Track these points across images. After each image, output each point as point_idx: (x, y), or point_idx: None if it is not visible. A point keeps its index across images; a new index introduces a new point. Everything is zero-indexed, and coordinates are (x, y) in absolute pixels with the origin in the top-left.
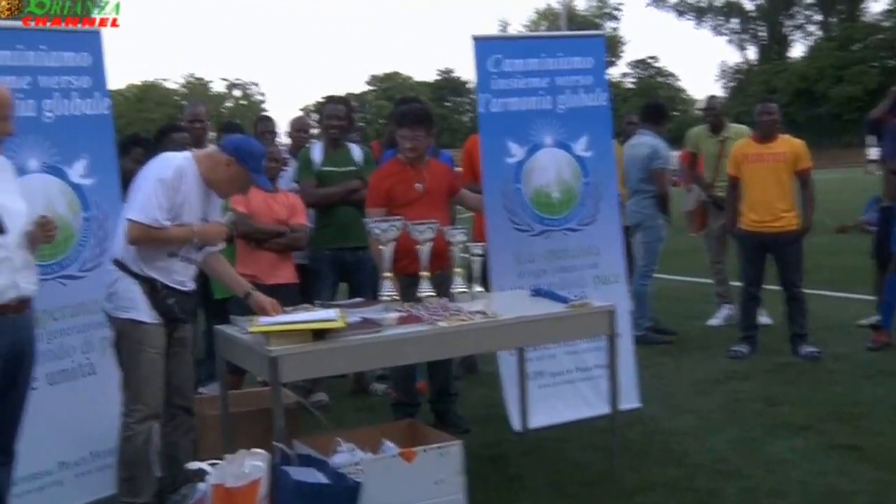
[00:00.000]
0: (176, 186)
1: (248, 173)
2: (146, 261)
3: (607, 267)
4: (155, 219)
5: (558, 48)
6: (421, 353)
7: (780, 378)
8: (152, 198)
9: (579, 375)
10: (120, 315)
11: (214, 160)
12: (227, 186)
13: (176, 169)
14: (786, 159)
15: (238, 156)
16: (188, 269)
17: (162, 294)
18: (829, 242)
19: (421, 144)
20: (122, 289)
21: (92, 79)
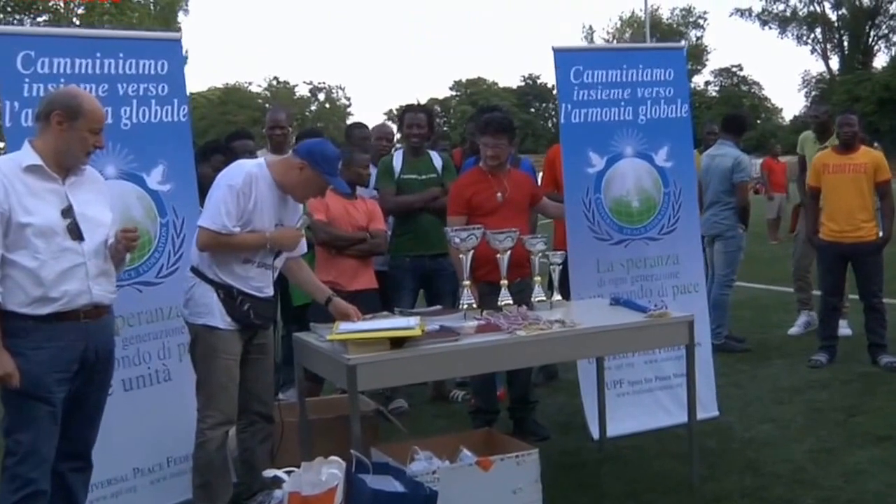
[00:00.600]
0: (246, 193)
1: (321, 177)
2: (221, 267)
3: (686, 276)
4: (223, 225)
5: (639, 60)
6: (499, 361)
7: (860, 388)
8: (221, 205)
9: (658, 384)
10: (196, 321)
11: (287, 165)
12: (301, 191)
13: (246, 175)
14: (866, 170)
15: (311, 160)
16: (265, 275)
17: (238, 300)
18: None
19: (503, 153)
20: (197, 294)
21: (169, 86)
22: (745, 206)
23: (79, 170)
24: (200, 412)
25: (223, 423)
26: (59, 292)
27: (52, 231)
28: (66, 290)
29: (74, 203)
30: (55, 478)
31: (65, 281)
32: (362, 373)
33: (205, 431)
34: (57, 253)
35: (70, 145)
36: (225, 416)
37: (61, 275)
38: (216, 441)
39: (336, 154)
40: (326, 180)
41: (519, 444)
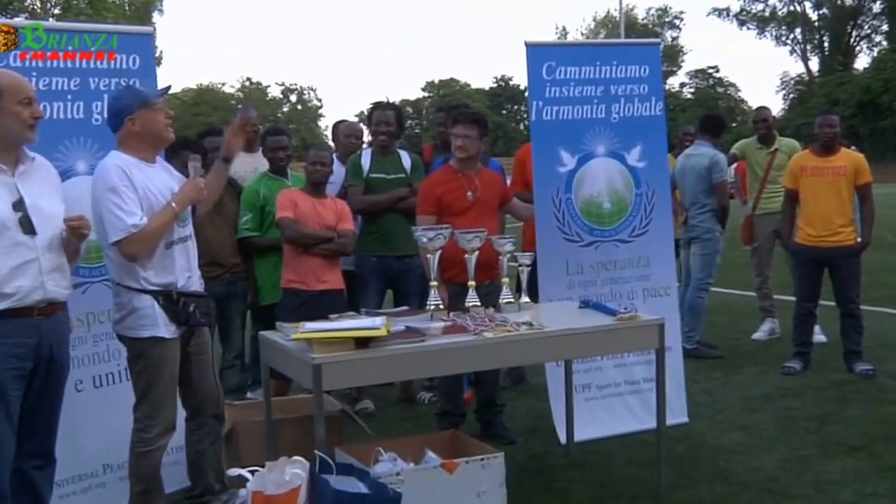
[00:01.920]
0: (127, 184)
1: (144, 108)
2: (149, 272)
3: (658, 279)
4: (133, 224)
5: (613, 56)
6: (465, 363)
7: (833, 396)
8: (115, 210)
9: (627, 389)
10: (140, 334)
11: (126, 135)
12: (155, 134)
13: (113, 169)
14: (846, 173)
15: (125, 112)
16: (188, 250)
17: (181, 302)
18: (889, 258)
19: (472, 145)
20: (137, 307)
21: (141, 81)
22: (725, 206)
23: (27, 159)
24: (143, 422)
25: (168, 431)
26: (12, 288)
27: (3, 225)
28: (19, 286)
29: (25, 195)
30: (19, 476)
31: (17, 277)
32: (327, 372)
33: (150, 441)
34: (8, 248)
35: (6, 126)
36: (169, 423)
37: (14, 270)
38: (161, 450)
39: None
40: (148, 103)
41: (484, 447)
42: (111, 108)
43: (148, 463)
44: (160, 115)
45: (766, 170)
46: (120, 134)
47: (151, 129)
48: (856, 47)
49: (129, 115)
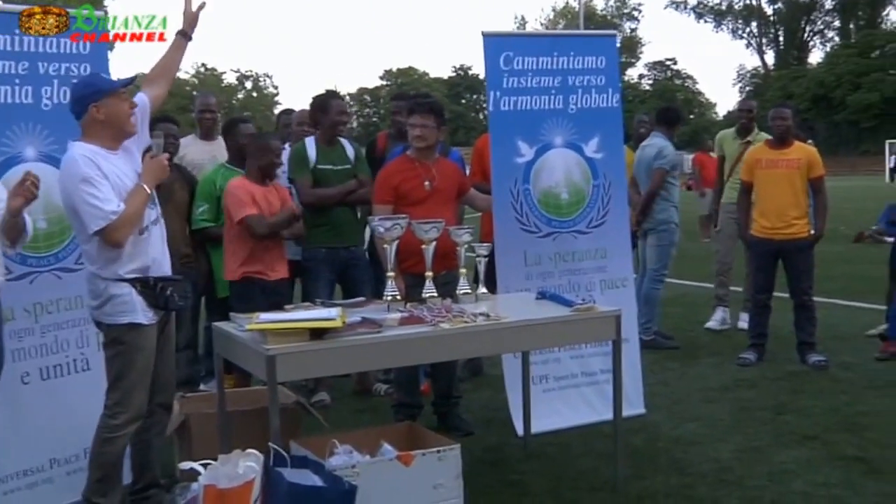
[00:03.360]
0: (97, 173)
1: (110, 97)
2: (128, 258)
3: (615, 271)
4: (112, 211)
5: (570, 47)
6: (422, 354)
7: (788, 387)
8: (90, 199)
9: (584, 380)
10: (118, 321)
11: (89, 123)
12: (119, 124)
13: (81, 159)
14: (799, 166)
15: (90, 100)
16: (160, 232)
17: (158, 287)
18: (842, 251)
19: (430, 134)
20: (115, 294)
21: (92, 66)
22: (651, 193)
23: None
24: (112, 408)
25: (135, 419)
26: None
27: None
28: None
29: None
30: None
31: None
32: (281, 364)
33: (116, 427)
34: None
35: None
36: (138, 411)
37: None
38: (127, 437)
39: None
40: (114, 92)
41: (441, 439)
42: (75, 94)
43: (111, 450)
44: (125, 104)
45: (735, 160)
46: (83, 121)
47: (115, 119)
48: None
49: (95, 103)
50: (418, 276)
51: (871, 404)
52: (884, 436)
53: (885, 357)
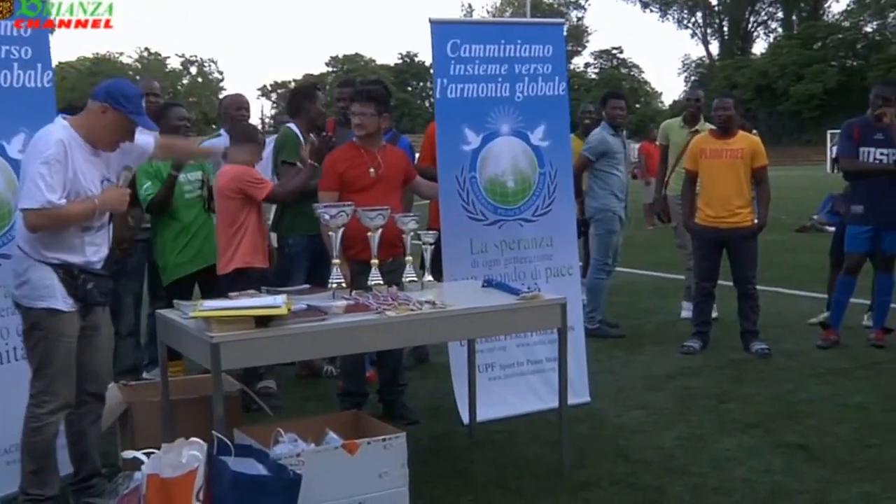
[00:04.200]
0: (62, 161)
1: (126, 116)
2: (56, 245)
3: (560, 259)
4: (48, 201)
5: (517, 35)
6: (367, 342)
7: (731, 375)
8: (38, 180)
9: (530, 368)
10: (35, 304)
11: (90, 114)
12: (108, 136)
13: (56, 143)
14: (743, 155)
15: (112, 100)
16: (103, 237)
17: (80, 279)
18: (785, 240)
19: (369, 122)
20: (35, 277)
21: (33, 49)
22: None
23: None
24: (37, 397)
25: (62, 408)
26: None
27: None
28: None
29: None
30: None
31: None
32: (226, 351)
33: (42, 416)
34: None
35: None
36: (65, 400)
37: None
38: (54, 426)
39: (136, 91)
40: (132, 119)
41: (387, 427)
42: (112, 87)
43: (40, 439)
44: (125, 135)
45: (682, 149)
46: (92, 107)
47: (108, 131)
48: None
49: (113, 106)
50: (364, 263)
51: (813, 392)
52: (825, 423)
53: (827, 345)
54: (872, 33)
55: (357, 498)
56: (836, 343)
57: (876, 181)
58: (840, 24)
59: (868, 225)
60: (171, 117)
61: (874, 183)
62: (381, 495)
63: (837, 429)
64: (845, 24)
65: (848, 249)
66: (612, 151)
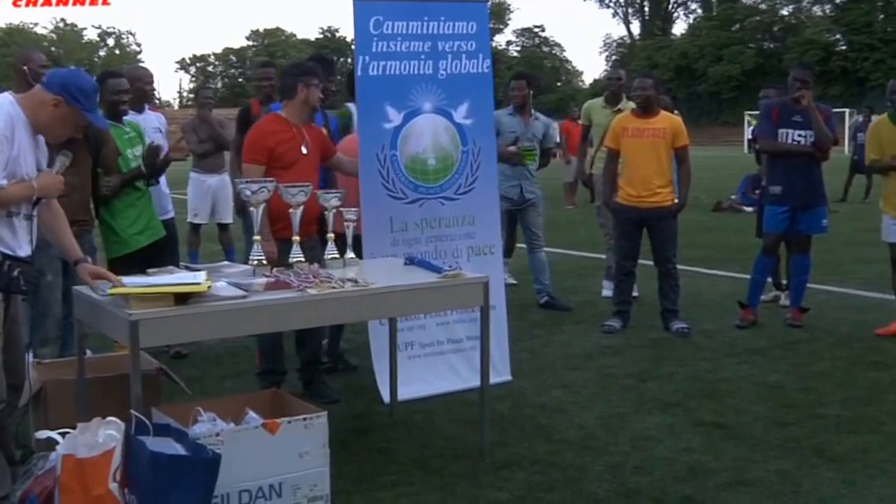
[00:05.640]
0: (9, 137)
1: (79, 113)
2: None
3: (482, 237)
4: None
5: (441, 12)
6: (289, 320)
7: (651, 354)
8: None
9: (450, 347)
10: None
11: (39, 101)
12: (57, 130)
13: (6, 117)
14: (664, 135)
15: (67, 94)
16: (28, 228)
17: (5, 266)
18: (703, 219)
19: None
20: None
21: None
22: None
23: None
24: None
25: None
26: None
27: None
28: None
29: None
30: None
31: None
32: (144, 329)
33: None
34: None
35: None
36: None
37: None
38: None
39: (93, 85)
40: (85, 117)
41: (307, 406)
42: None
43: None
44: (71, 125)
45: (605, 129)
46: (41, 90)
47: (57, 124)
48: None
49: (64, 98)
50: (286, 240)
51: (731, 371)
52: (742, 402)
53: (745, 325)
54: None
55: (277, 478)
56: (754, 323)
57: (793, 162)
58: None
59: (785, 205)
60: (107, 91)
61: (791, 164)
62: (302, 475)
63: (755, 407)
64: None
65: (765, 229)
66: (504, 132)
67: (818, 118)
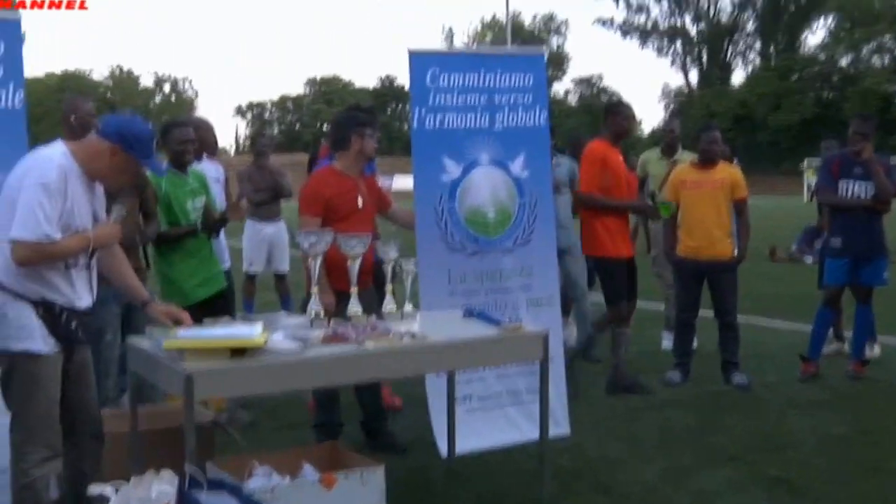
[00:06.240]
0: (61, 190)
1: (135, 161)
2: (36, 280)
3: (541, 289)
4: (45, 234)
5: (498, 64)
6: (346, 374)
7: (712, 406)
8: (37, 210)
9: (509, 400)
10: (11, 347)
11: (95, 150)
12: (114, 178)
13: (58, 170)
14: (724, 186)
15: (123, 143)
16: (86, 277)
17: (62, 318)
18: (763, 270)
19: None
20: (11, 315)
21: (5, 69)
22: None
23: None
24: (20, 449)
25: (50, 458)
26: None
27: None
28: None
29: None
30: None
31: None
32: (199, 383)
33: (29, 471)
34: None
35: None
36: (51, 449)
37: None
38: (44, 479)
39: (150, 132)
40: (143, 163)
41: (363, 459)
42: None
43: (30, 497)
44: (129, 174)
45: (663, 180)
46: (96, 141)
47: (114, 173)
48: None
49: (121, 147)
50: (343, 292)
51: (794, 424)
52: (805, 456)
53: (806, 377)
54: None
55: None
56: (816, 375)
57: (854, 215)
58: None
59: (845, 258)
60: (172, 140)
61: (852, 216)
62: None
63: (818, 462)
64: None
65: (826, 282)
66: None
67: (878, 171)
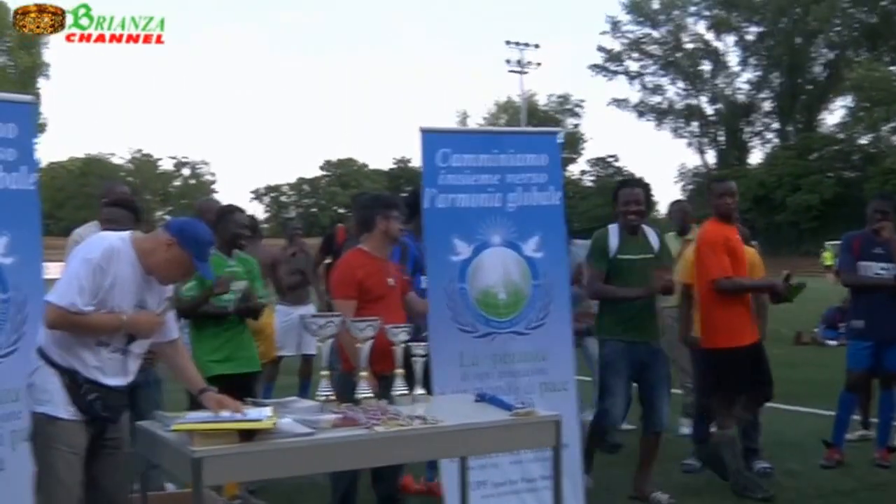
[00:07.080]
0: (104, 268)
1: (189, 259)
2: (68, 349)
3: (555, 373)
4: (72, 302)
5: (511, 144)
6: (355, 459)
7: (733, 494)
8: (74, 280)
9: (524, 486)
10: (35, 409)
11: (155, 241)
12: (165, 270)
13: (106, 249)
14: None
15: (181, 238)
16: (120, 361)
17: (83, 389)
18: (783, 353)
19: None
20: (39, 379)
21: (18, 151)
22: None
23: None
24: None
25: None
26: None
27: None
28: None
29: None
30: None
31: None
32: (208, 467)
33: None
34: None
35: None
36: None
37: None
38: None
39: (209, 238)
40: (194, 264)
41: None
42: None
43: None
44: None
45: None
46: (156, 234)
47: (167, 265)
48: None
49: (178, 241)
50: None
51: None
52: None
53: (831, 464)
54: (867, 145)
55: None
56: (840, 462)
57: (876, 296)
58: (835, 135)
59: (869, 340)
60: (232, 223)
61: (874, 298)
62: None
63: None
64: (840, 135)
65: (849, 366)
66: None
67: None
